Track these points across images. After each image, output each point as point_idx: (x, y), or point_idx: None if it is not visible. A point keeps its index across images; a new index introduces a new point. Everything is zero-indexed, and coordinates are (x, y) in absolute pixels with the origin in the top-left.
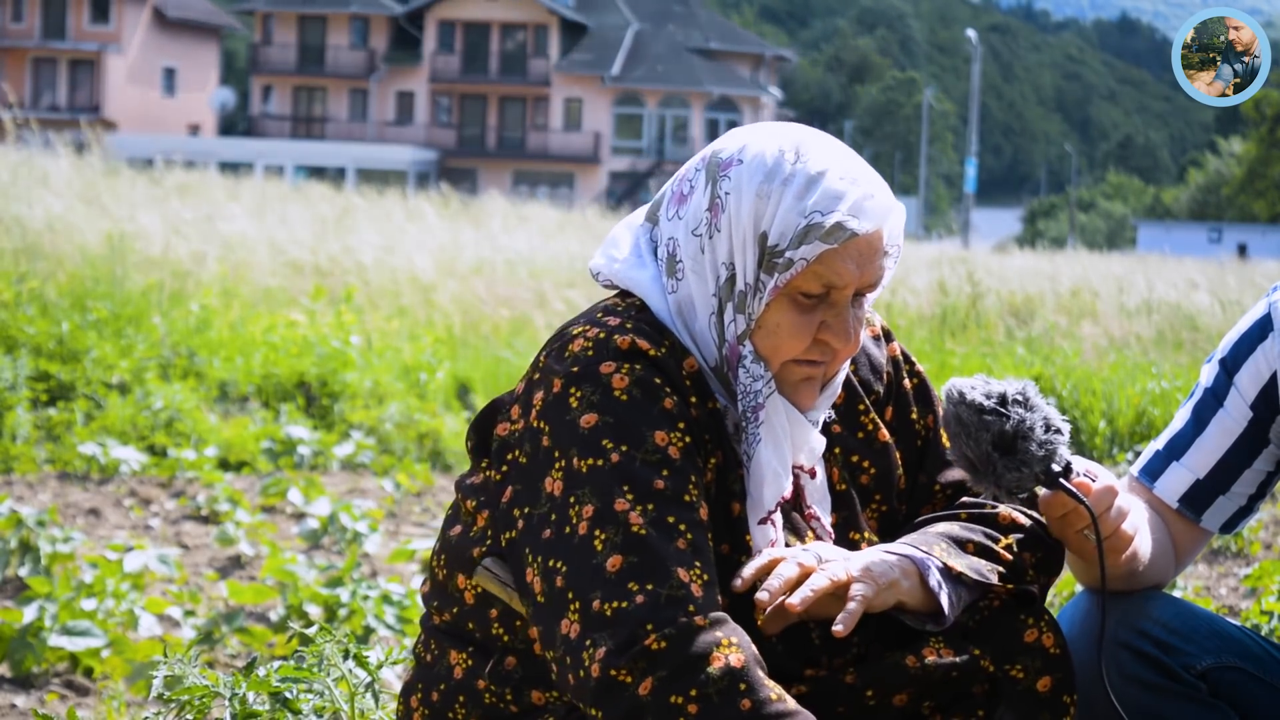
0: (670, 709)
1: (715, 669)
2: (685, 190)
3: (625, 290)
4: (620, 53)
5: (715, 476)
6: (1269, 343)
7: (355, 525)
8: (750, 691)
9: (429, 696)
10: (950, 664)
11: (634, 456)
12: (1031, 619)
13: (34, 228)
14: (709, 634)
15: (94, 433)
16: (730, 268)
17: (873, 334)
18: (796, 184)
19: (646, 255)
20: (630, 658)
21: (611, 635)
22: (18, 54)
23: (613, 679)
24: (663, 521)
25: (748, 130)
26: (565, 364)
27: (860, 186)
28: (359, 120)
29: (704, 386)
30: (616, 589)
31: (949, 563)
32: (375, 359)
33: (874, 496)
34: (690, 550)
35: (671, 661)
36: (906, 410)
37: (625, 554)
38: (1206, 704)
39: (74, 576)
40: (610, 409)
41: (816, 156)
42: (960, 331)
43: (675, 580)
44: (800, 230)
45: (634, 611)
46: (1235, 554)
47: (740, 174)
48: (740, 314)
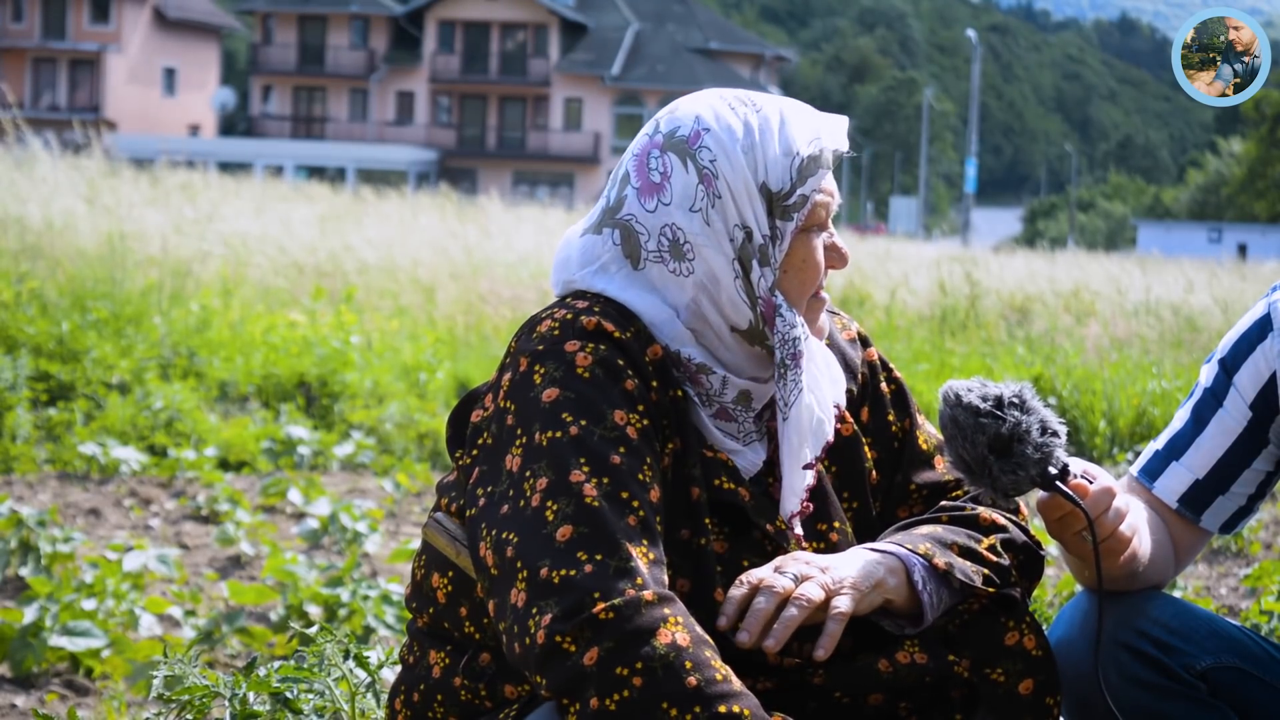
0: (614, 680)
1: (661, 644)
2: (655, 178)
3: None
4: (620, 53)
5: (673, 462)
6: (1268, 343)
7: (355, 525)
8: (696, 669)
9: (410, 697)
10: (923, 668)
11: (593, 431)
12: (1012, 622)
13: (34, 228)
14: (657, 609)
15: (94, 433)
16: (744, 228)
17: (849, 337)
18: (770, 131)
19: (620, 265)
20: (576, 625)
21: (558, 602)
22: (18, 54)
23: (556, 645)
24: (616, 496)
25: (675, 108)
26: (532, 343)
27: (808, 111)
28: (359, 120)
29: (667, 374)
30: (565, 558)
31: (935, 561)
32: (375, 359)
33: (841, 494)
34: (640, 528)
35: (617, 632)
36: (883, 413)
37: (576, 524)
38: (1206, 704)
39: (74, 576)
40: (572, 385)
41: (763, 101)
42: (960, 331)
43: (625, 553)
44: (798, 167)
45: (582, 580)
46: (1235, 554)
47: (717, 140)
48: (765, 267)
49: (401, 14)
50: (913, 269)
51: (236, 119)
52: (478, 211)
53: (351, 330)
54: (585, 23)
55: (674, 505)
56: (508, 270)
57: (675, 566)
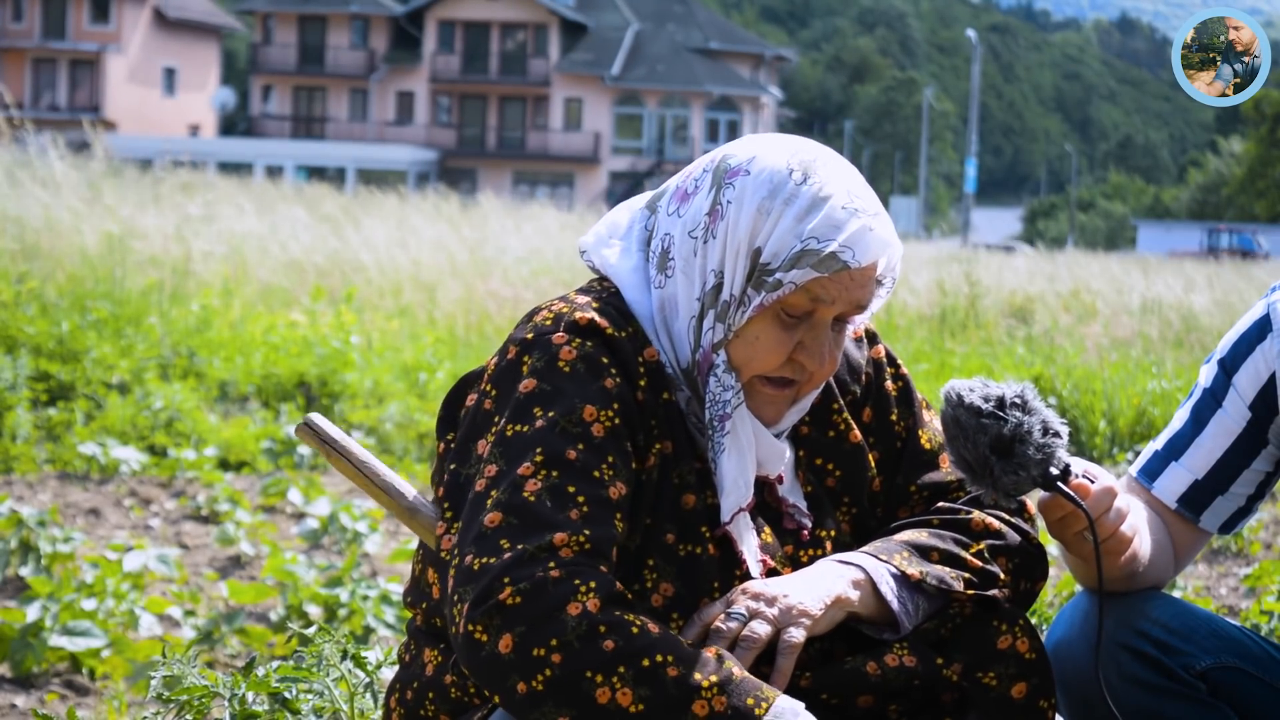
0: (534, 662)
1: (573, 616)
2: (690, 189)
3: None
4: (620, 53)
5: (661, 464)
6: (1267, 343)
7: (355, 525)
8: (612, 631)
9: (405, 695)
10: (912, 670)
11: (556, 423)
12: (1005, 625)
13: (34, 228)
14: (565, 584)
15: (94, 433)
16: (719, 276)
17: (855, 335)
18: (798, 206)
19: (637, 244)
20: (485, 613)
21: (473, 589)
22: (18, 54)
23: (470, 634)
24: (561, 490)
25: (761, 139)
26: (524, 331)
27: (861, 218)
28: (359, 120)
29: (661, 377)
30: (488, 546)
31: (907, 570)
32: (375, 359)
33: (842, 499)
34: (582, 520)
35: (527, 615)
36: (887, 412)
37: (506, 514)
38: (1206, 704)
39: (74, 576)
40: (550, 377)
41: (823, 180)
42: (960, 331)
43: (547, 542)
44: (794, 254)
45: (496, 566)
46: (1235, 554)
47: (745, 185)
48: (720, 323)
49: (401, 14)
50: (913, 269)
51: (236, 119)
52: (478, 211)
53: (351, 330)
54: (585, 23)
55: (660, 508)
56: (508, 270)
57: (659, 570)
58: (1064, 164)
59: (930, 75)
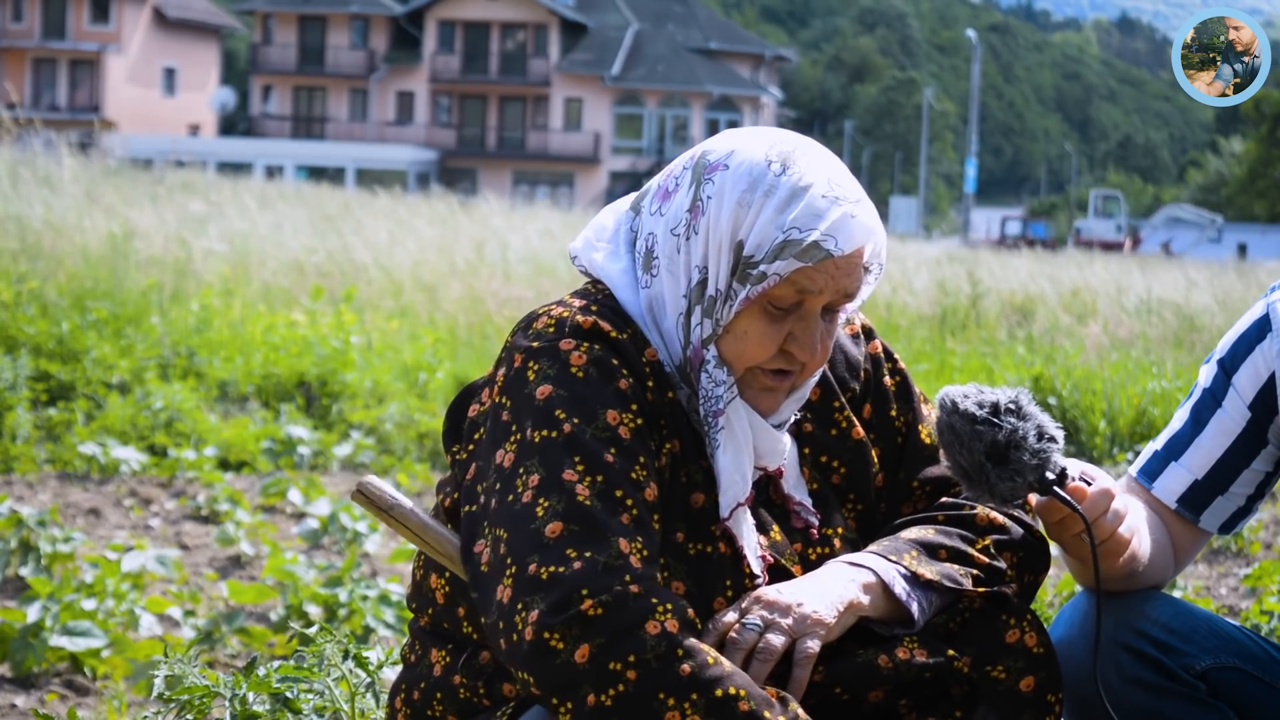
0: (609, 675)
1: (652, 635)
2: (671, 187)
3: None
4: (620, 53)
5: (671, 463)
6: (1267, 343)
7: (355, 525)
8: (688, 656)
9: (411, 696)
10: (923, 664)
11: (585, 429)
12: (1013, 619)
13: (34, 228)
14: (644, 601)
15: (94, 433)
16: (703, 271)
17: (851, 332)
18: (779, 196)
19: (624, 246)
20: (564, 622)
21: (545, 598)
22: (18, 54)
23: (544, 642)
24: (610, 495)
25: (739, 134)
26: (527, 340)
27: (842, 206)
28: (359, 120)
29: (663, 376)
30: (554, 554)
31: (918, 570)
32: (375, 359)
33: (847, 496)
34: (634, 525)
35: (608, 628)
36: (886, 408)
37: (567, 522)
38: (1206, 704)
39: (74, 576)
40: (565, 383)
41: (802, 170)
42: (960, 331)
43: (615, 550)
44: (777, 245)
45: (570, 576)
46: (1235, 554)
47: (724, 179)
48: (708, 318)
49: (401, 14)
50: (913, 269)
51: (236, 119)
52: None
53: (351, 330)
54: (585, 23)
55: (670, 507)
56: (508, 269)
57: (670, 568)
58: (1064, 164)
59: (930, 75)
